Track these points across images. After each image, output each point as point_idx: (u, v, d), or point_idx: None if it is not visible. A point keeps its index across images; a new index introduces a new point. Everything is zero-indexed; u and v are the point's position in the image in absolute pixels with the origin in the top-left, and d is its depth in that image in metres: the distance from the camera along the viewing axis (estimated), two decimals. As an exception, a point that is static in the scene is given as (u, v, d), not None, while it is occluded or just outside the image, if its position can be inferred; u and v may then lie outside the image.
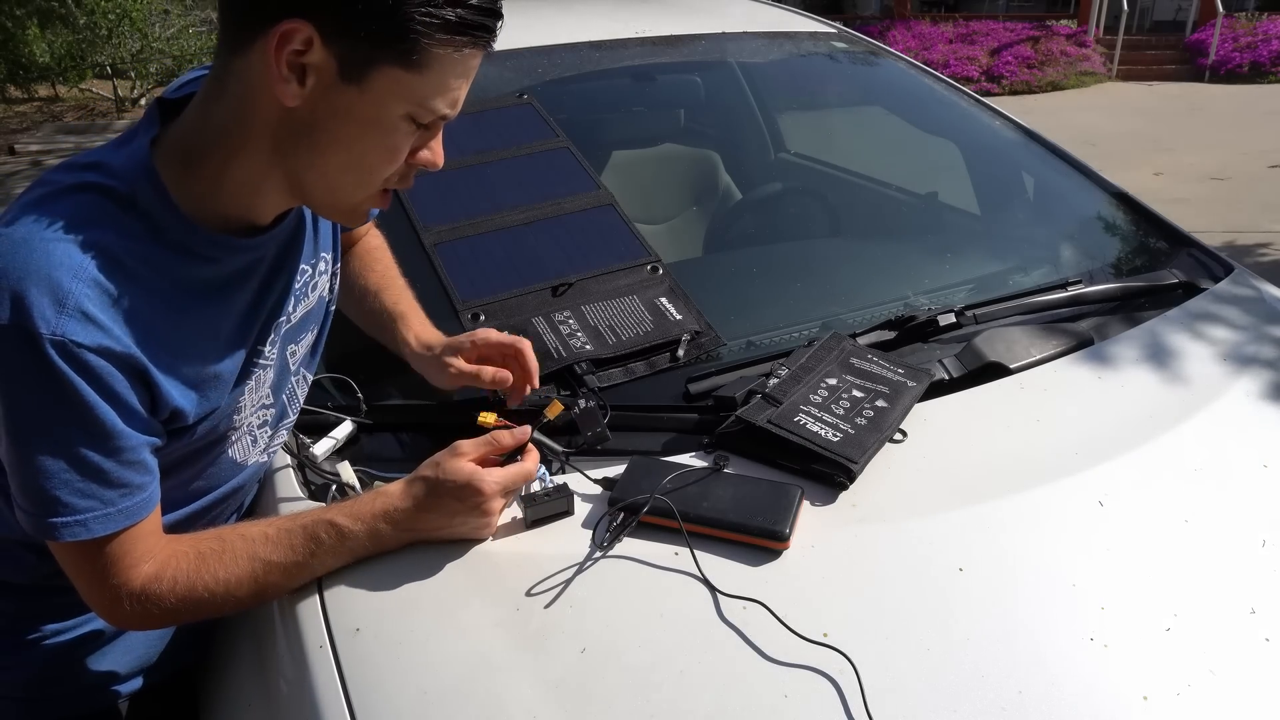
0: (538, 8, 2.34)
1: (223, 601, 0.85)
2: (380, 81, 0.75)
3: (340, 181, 0.82)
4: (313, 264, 0.98)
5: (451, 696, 0.77)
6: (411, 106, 0.77)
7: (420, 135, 0.82)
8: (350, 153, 0.79)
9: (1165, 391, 1.16)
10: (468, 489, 0.89)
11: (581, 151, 1.52)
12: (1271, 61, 10.80)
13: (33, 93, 10.14)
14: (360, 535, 0.88)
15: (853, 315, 1.34)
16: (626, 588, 0.87)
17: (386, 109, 0.77)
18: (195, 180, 0.80)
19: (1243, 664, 0.81)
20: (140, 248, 0.77)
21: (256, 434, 0.97)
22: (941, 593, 0.86)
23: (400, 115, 0.78)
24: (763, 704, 0.76)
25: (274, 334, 0.92)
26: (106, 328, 0.73)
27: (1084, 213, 1.71)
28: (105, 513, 0.78)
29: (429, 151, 0.84)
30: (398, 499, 0.89)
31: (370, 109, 0.76)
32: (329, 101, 0.75)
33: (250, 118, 0.77)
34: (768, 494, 0.95)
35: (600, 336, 1.19)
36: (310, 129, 0.77)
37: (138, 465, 0.79)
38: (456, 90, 0.79)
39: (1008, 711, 0.75)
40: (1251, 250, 4.82)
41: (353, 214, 0.87)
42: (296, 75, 0.73)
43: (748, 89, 2.40)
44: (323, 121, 0.77)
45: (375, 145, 0.79)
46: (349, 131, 0.78)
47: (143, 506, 0.81)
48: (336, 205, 0.85)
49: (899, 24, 13.44)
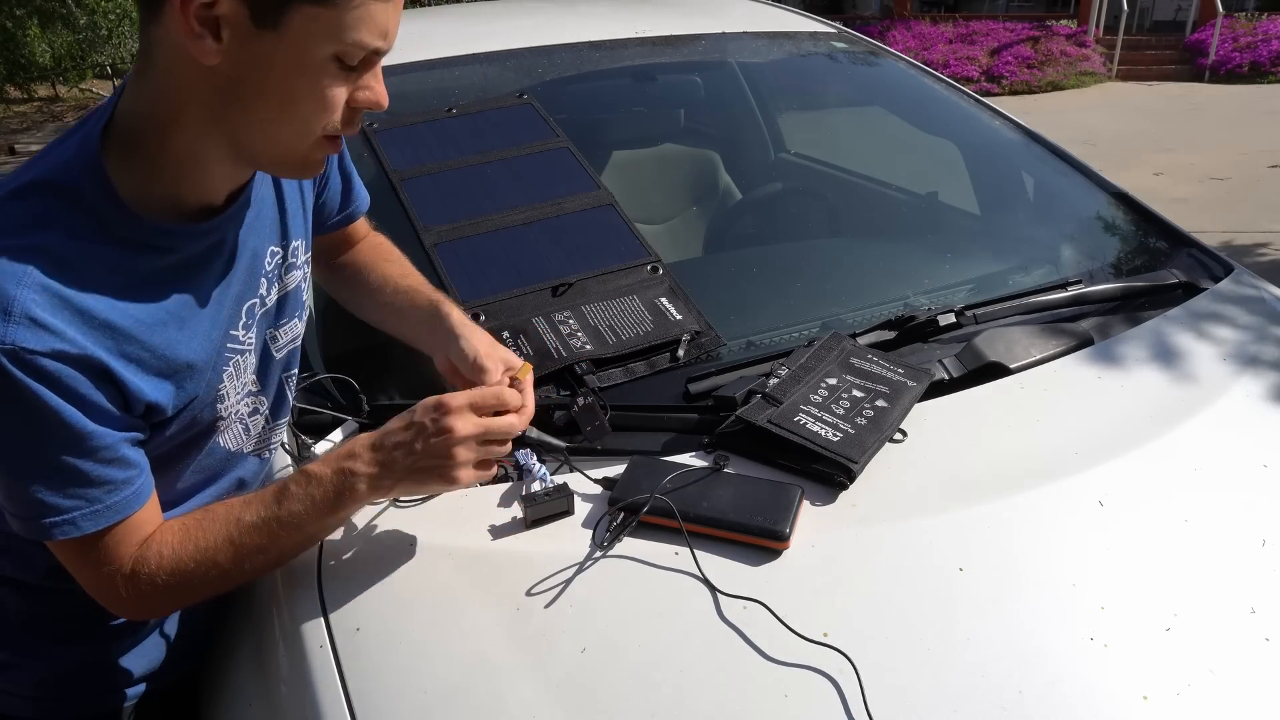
0: (538, 8, 2.34)
1: (208, 571, 0.83)
2: (297, 22, 0.71)
3: (278, 134, 0.78)
4: (284, 246, 0.96)
5: (451, 696, 0.78)
6: (335, 45, 0.73)
7: (356, 75, 0.78)
8: (281, 103, 0.76)
9: (1165, 391, 1.17)
10: (436, 406, 0.84)
11: (581, 151, 1.52)
12: (1271, 61, 10.80)
13: (33, 93, 10.15)
14: (327, 479, 0.84)
15: (853, 315, 1.34)
16: (626, 588, 0.87)
17: (310, 51, 0.73)
18: (137, 164, 0.78)
19: (1243, 664, 0.81)
20: (89, 246, 0.75)
21: (248, 423, 0.96)
22: (942, 593, 0.86)
23: (326, 56, 0.74)
24: (763, 704, 0.76)
25: (247, 318, 0.91)
26: (58, 330, 0.72)
27: (1084, 213, 1.71)
28: (93, 510, 0.77)
29: (369, 92, 0.79)
30: (363, 437, 0.87)
31: (292, 54, 0.73)
32: (249, 52, 0.72)
33: (177, 86, 0.75)
34: (768, 494, 0.95)
35: (600, 336, 1.19)
36: (236, 85, 0.74)
37: (117, 461, 0.78)
38: (383, 19, 0.75)
39: (1008, 711, 0.75)
40: (1251, 250, 4.82)
41: (303, 166, 0.83)
42: (210, 30, 0.71)
43: (748, 89, 2.39)
44: (247, 75, 0.74)
45: (305, 91, 0.75)
46: (275, 81, 0.74)
47: (132, 500, 0.80)
48: (282, 159, 0.82)
49: (899, 24, 13.44)
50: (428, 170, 1.45)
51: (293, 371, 1.03)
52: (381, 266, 1.13)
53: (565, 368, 1.14)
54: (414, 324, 1.06)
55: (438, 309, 1.04)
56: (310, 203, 1.03)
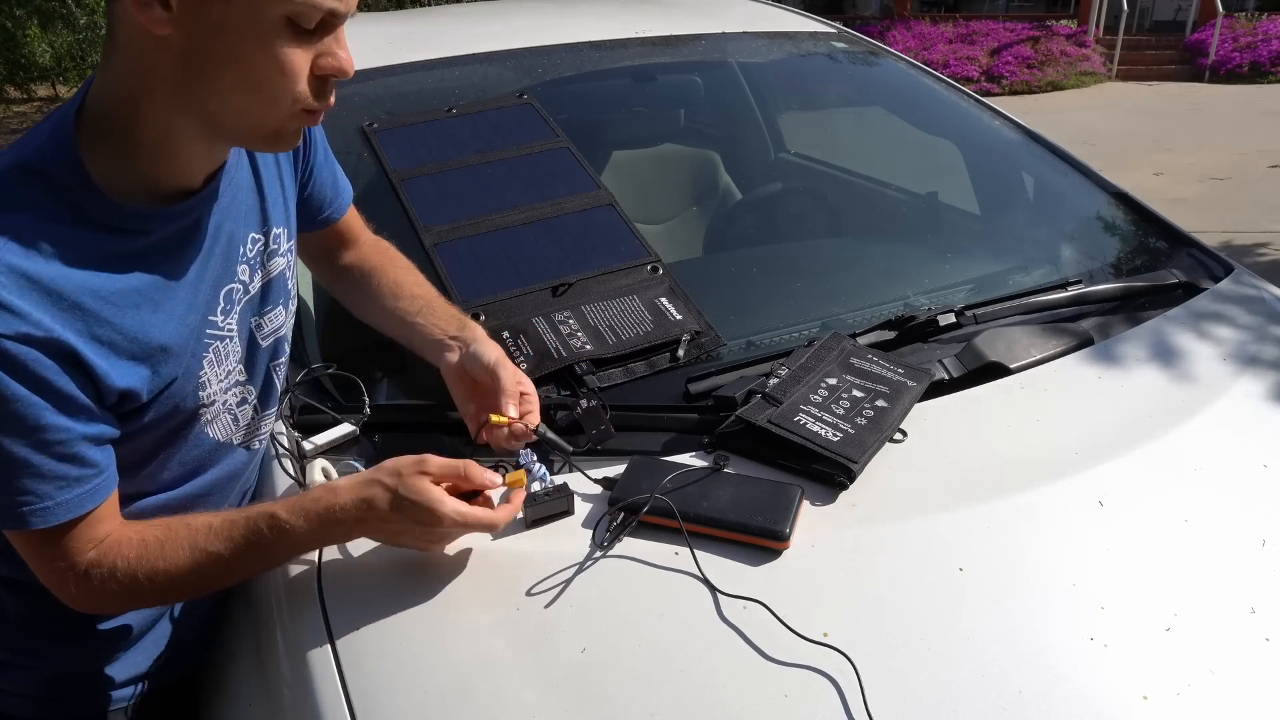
0: (538, 8, 2.34)
1: (167, 590, 0.84)
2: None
3: (243, 105, 0.76)
4: (264, 233, 0.95)
5: (451, 696, 0.78)
6: (285, 5, 0.71)
7: (316, 40, 0.76)
8: (240, 71, 0.74)
9: (1165, 391, 1.16)
10: (423, 511, 0.84)
11: (581, 151, 1.52)
12: (1271, 61, 10.80)
13: (32, 93, 10.15)
14: (300, 532, 0.84)
15: (853, 315, 1.34)
16: (626, 588, 0.87)
17: (260, 14, 0.71)
18: (110, 147, 0.77)
19: (1243, 664, 0.81)
20: (59, 229, 0.74)
21: (236, 413, 0.95)
22: (942, 593, 0.86)
23: (277, 18, 0.72)
24: (763, 704, 0.76)
25: (226, 303, 0.90)
26: (24, 313, 0.71)
27: (1084, 213, 1.71)
28: (42, 506, 0.76)
29: (332, 58, 0.77)
30: (345, 501, 0.85)
31: (242, 17, 0.71)
32: (199, 19, 0.71)
33: (139, 65, 0.74)
34: (768, 494, 0.95)
35: (600, 336, 1.19)
36: (193, 55, 0.73)
37: (73, 459, 0.77)
38: None
39: (1008, 711, 0.75)
40: (1251, 250, 4.82)
41: (276, 138, 0.81)
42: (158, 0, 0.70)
43: (748, 89, 2.39)
44: (201, 45, 0.72)
45: (261, 58, 0.73)
46: (229, 48, 0.72)
47: (85, 499, 0.79)
48: (255, 132, 0.80)
49: (899, 24, 13.44)
50: (428, 170, 1.45)
51: (281, 360, 1.02)
52: (394, 272, 1.14)
53: (565, 368, 1.14)
54: (429, 330, 1.07)
55: (464, 319, 1.07)
56: (292, 192, 1.02)
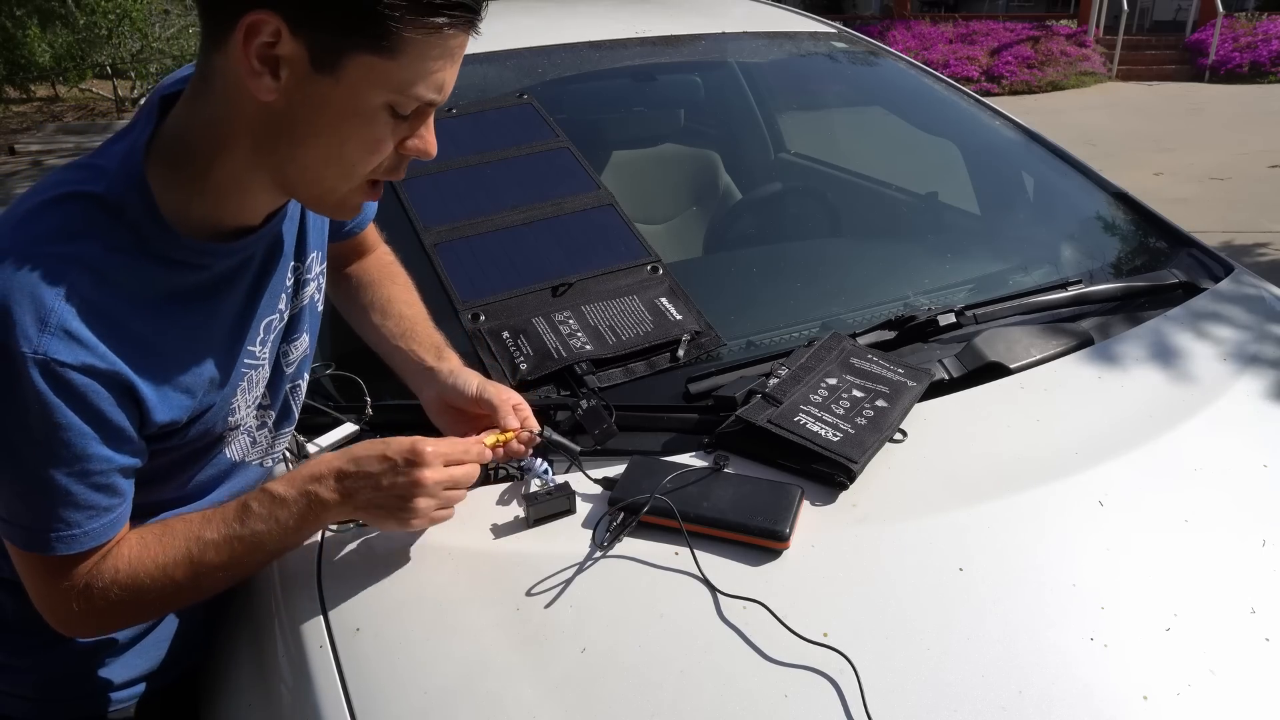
0: (538, 8, 2.34)
1: (164, 587, 0.82)
2: (354, 70, 0.72)
3: (323, 174, 0.79)
4: (303, 261, 0.96)
5: (451, 696, 0.78)
6: (390, 95, 0.74)
7: (409, 124, 0.78)
8: (330, 145, 0.76)
9: (1165, 391, 1.16)
10: (410, 448, 0.84)
11: (581, 151, 1.51)
12: (1271, 61, 10.80)
13: (32, 93, 10.15)
14: (291, 500, 0.83)
15: (853, 315, 1.34)
16: (626, 588, 0.87)
17: (364, 98, 0.74)
18: (182, 183, 0.78)
19: (1243, 664, 0.81)
20: (127, 259, 0.75)
21: (256, 435, 0.96)
22: (941, 593, 0.86)
23: (379, 104, 0.74)
24: (763, 704, 0.76)
25: (264, 334, 0.91)
26: (91, 345, 0.72)
27: (1084, 213, 1.71)
28: (69, 534, 0.76)
29: (419, 140, 0.80)
30: (330, 460, 0.85)
31: (347, 99, 0.73)
32: (305, 93, 0.73)
33: (232, 115, 0.75)
34: (768, 494, 0.95)
35: (600, 337, 1.19)
36: (289, 123, 0.75)
37: (107, 489, 0.78)
38: (440, 74, 0.76)
39: (1008, 711, 0.75)
40: (1251, 250, 4.82)
41: (341, 207, 0.84)
42: (269, 68, 0.71)
43: (748, 89, 2.39)
44: (300, 114, 0.74)
45: (356, 136, 0.76)
46: (327, 123, 0.75)
47: (108, 529, 0.79)
48: (323, 199, 0.82)
49: (899, 24, 13.44)
50: (428, 170, 1.45)
51: (301, 381, 1.02)
52: (388, 287, 1.14)
53: (565, 368, 1.14)
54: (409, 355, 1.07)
55: (442, 347, 1.06)
56: None
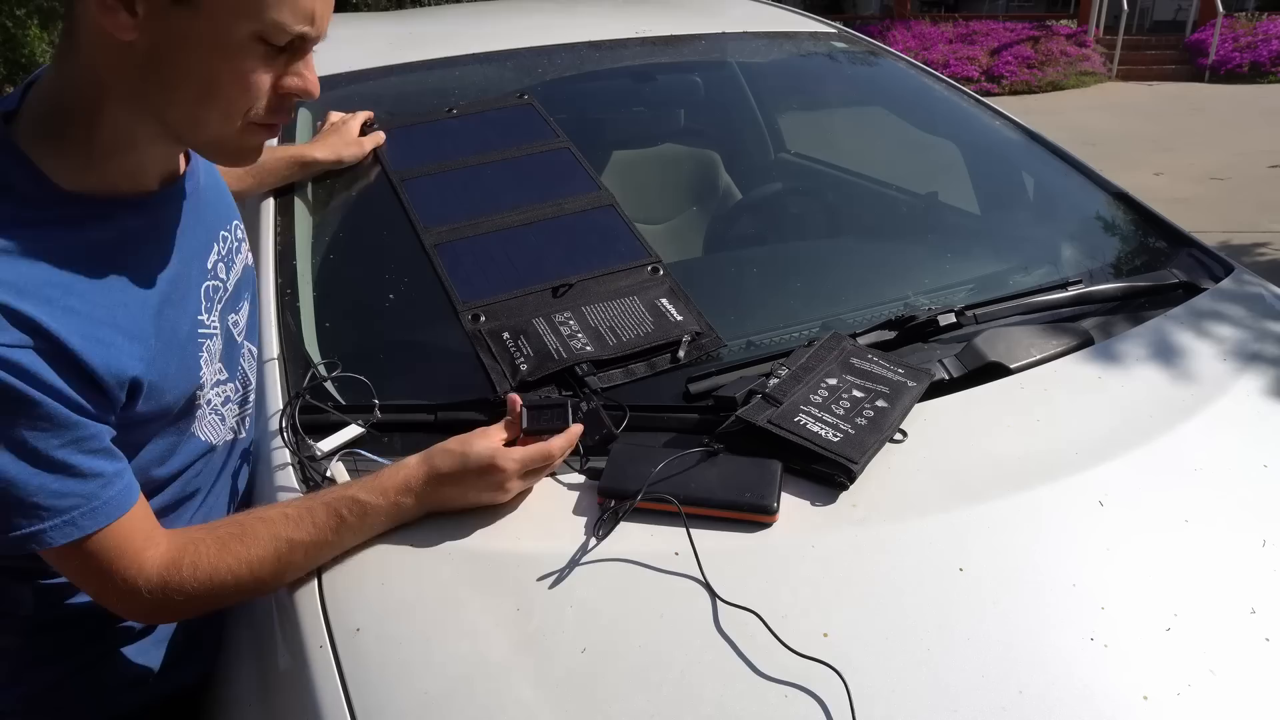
0: (538, 8, 2.34)
1: (245, 583, 0.85)
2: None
3: (203, 116, 0.76)
4: (229, 228, 0.97)
5: (451, 696, 0.78)
6: (255, 23, 0.71)
7: (284, 60, 0.76)
8: (202, 82, 0.73)
9: (1165, 391, 1.16)
10: (490, 467, 0.91)
11: (582, 152, 1.52)
12: (1271, 61, 10.80)
13: (33, 93, 10.13)
14: (381, 509, 0.89)
15: (853, 315, 1.34)
16: (626, 588, 0.87)
17: (228, 29, 0.71)
18: (66, 150, 0.76)
19: (1243, 664, 0.81)
20: (30, 231, 0.73)
21: (222, 412, 0.96)
22: (941, 593, 0.86)
23: (247, 35, 0.72)
24: (763, 704, 0.76)
25: (208, 301, 0.90)
26: (25, 322, 0.70)
27: (1084, 213, 1.71)
28: (91, 507, 0.76)
29: (298, 78, 0.77)
30: (417, 472, 0.91)
31: (211, 31, 0.70)
32: (166, 28, 0.70)
33: (99, 65, 0.73)
34: (750, 470, 0.97)
35: (601, 337, 1.19)
36: (156, 63, 0.72)
37: (103, 452, 0.77)
38: (306, 3, 0.73)
39: (1008, 711, 0.75)
40: (1250, 250, 4.82)
41: (237, 153, 0.81)
42: (124, 4, 0.69)
43: (748, 89, 2.39)
44: (165, 53, 0.71)
45: (226, 71, 0.73)
46: (194, 59, 0.72)
47: (126, 494, 0.79)
48: (210, 143, 0.80)
49: (899, 24, 13.44)
50: (428, 171, 1.45)
51: (249, 349, 1.04)
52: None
53: (566, 369, 1.14)
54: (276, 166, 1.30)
55: None
56: None
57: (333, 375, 1.12)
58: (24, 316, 0.70)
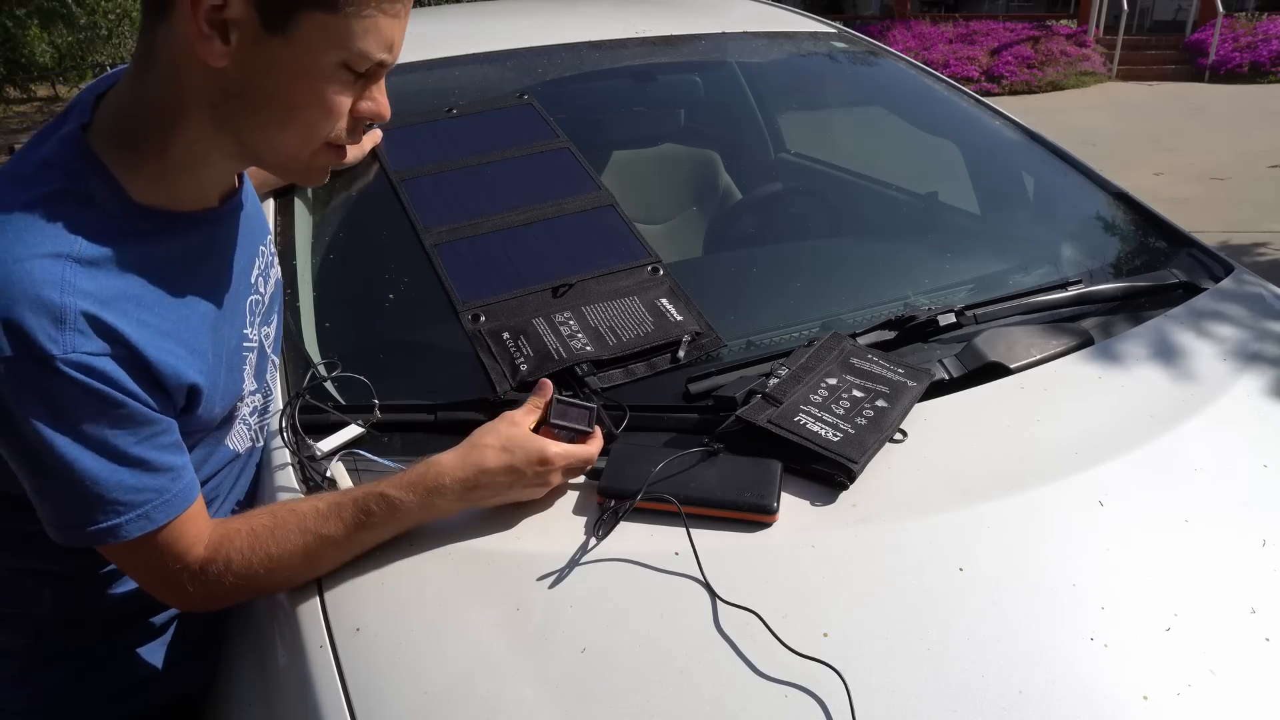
0: (538, 8, 2.34)
1: (277, 577, 0.86)
2: (306, 29, 0.72)
3: (282, 138, 0.79)
4: (266, 241, 0.98)
5: (451, 696, 0.78)
6: (342, 52, 0.74)
7: (360, 85, 0.78)
8: (287, 108, 0.76)
9: (1165, 391, 1.16)
10: (543, 460, 0.90)
11: (582, 152, 1.52)
12: (1271, 61, 10.80)
13: (33, 92, 10.15)
14: (412, 506, 0.88)
15: (853, 315, 1.34)
16: (626, 588, 0.87)
17: (317, 58, 0.74)
18: (141, 162, 0.78)
19: (1243, 664, 0.81)
20: (108, 242, 0.76)
21: (249, 421, 0.98)
22: (941, 593, 0.86)
23: (333, 64, 0.75)
24: (763, 703, 0.76)
25: (252, 315, 0.92)
26: (108, 331, 0.73)
27: (1084, 213, 1.71)
28: (163, 500, 0.79)
29: (371, 102, 0.81)
30: (454, 470, 0.89)
31: (300, 60, 0.73)
32: (257, 56, 0.73)
33: (182, 85, 0.75)
34: (750, 470, 0.97)
35: (601, 337, 1.19)
36: (243, 88, 0.74)
37: (174, 446, 0.80)
38: (388, 32, 0.76)
39: (1008, 711, 0.75)
40: (1251, 250, 4.82)
41: (307, 173, 0.84)
42: (219, 33, 0.71)
43: (748, 89, 2.39)
44: (254, 79, 0.74)
45: (311, 98, 0.76)
46: (281, 86, 0.75)
47: (191, 488, 0.82)
48: (285, 165, 0.82)
49: (899, 24, 13.44)
50: (428, 171, 1.45)
51: (275, 359, 1.05)
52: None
53: (566, 369, 1.14)
54: None
55: None
56: None
57: (333, 375, 1.12)
58: (106, 325, 0.73)
